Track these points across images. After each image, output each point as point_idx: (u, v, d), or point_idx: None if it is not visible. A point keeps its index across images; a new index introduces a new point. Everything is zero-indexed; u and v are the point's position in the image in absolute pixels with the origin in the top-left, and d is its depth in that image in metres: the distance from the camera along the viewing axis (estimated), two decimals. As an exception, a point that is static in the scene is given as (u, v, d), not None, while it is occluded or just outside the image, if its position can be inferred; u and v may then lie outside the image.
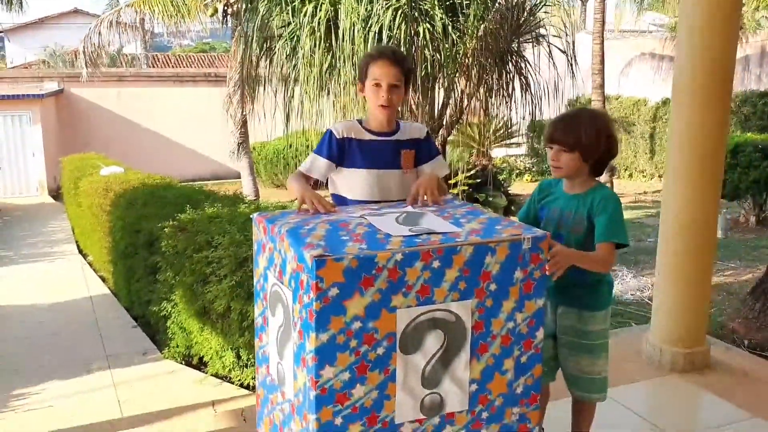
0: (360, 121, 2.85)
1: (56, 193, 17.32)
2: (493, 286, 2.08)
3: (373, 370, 1.98)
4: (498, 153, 15.41)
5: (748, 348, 4.90)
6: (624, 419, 3.42)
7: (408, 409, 2.05)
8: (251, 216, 2.41)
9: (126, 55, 27.03)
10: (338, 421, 1.97)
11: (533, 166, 17.70)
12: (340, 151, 2.75)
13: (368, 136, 2.78)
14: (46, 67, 25.82)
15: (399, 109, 2.98)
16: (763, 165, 9.76)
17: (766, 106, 14.75)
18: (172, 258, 5.10)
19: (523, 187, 14.85)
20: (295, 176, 2.74)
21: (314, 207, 2.37)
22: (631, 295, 6.98)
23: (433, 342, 2.04)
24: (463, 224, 2.21)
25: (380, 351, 1.98)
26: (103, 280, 8.50)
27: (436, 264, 2.00)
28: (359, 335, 1.95)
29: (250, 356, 4.64)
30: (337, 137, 2.75)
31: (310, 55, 5.90)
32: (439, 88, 6.52)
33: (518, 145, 16.67)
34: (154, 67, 26.99)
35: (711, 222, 3.93)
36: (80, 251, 10.62)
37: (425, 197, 2.50)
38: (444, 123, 6.74)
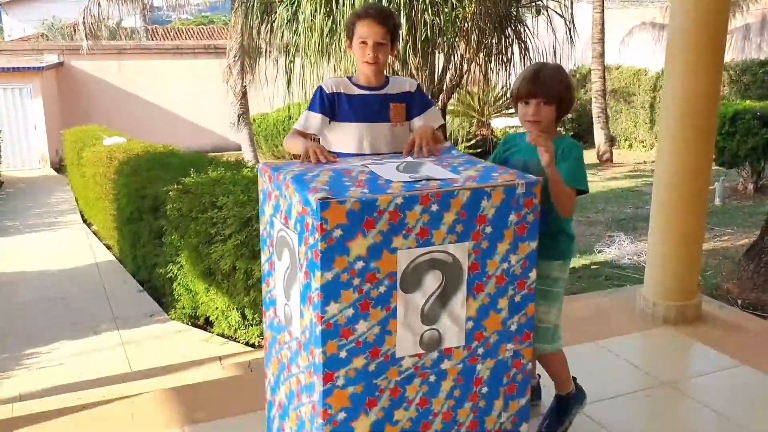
0: (350, 78, 2.93)
1: (58, 166, 17.41)
2: (488, 229, 2.19)
3: (376, 307, 2.10)
4: (498, 123, 15.42)
5: (742, 307, 5.02)
6: (616, 367, 3.55)
7: (408, 344, 2.16)
8: (257, 166, 2.51)
9: (125, 29, 26.88)
10: (343, 354, 2.08)
11: (533, 137, 17.72)
12: (331, 106, 2.84)
13: (357, 91, 2.86)
14: (45, 40, 25.72)
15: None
16: (761, 132, 9.79)
17: (766, 75, 14.74)
18: (177, 221, 5.21)
19: (523, 157, 14.88)
20: (292, 134, 2.83)
21: (317, 158, 2.47)
22: (629, 259, 7.10)
23: (431, 281, 2.15)
24: (461, 171, 2.31)
25: (382, 289, 2.09)
26: (108, 248, 8.64)
27: (434, 207, 2.10)
28: (362, 274, 2.06)
29: (255, 315, 4.78)
30: (327, 92, 2.84)
31: (311, 20, 5.96)
32: (439, 53, 6.57)
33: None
34: (153, 40, 26.88)
35: (703, 179, 4.02)
36: (84, 221, 10.75)
37: (422, 149, 2.57)
38: (444, 87, 6.79)
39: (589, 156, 15.49)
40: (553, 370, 2.82)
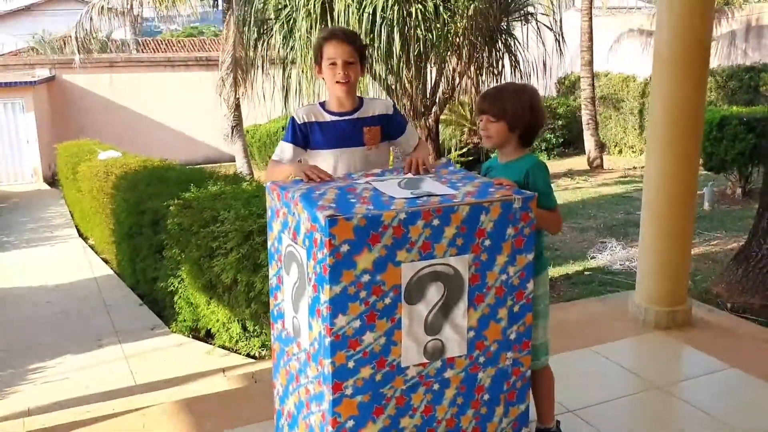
0: (322, 104, 2.96)
1: (51, 180, 17.43)
2: (487, 242, 2.30)
3: (381, 318, 2.21)
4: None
5: (731, 310, 5.14)
6: (609, 371, 3.66)
7: (413, 354, 2.27)
8: (265, 185, 2.62)
9: (115, 41, 26.93)
10: (351, 364, 2.19)
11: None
12: (304, 136, 2.88)
13: (328, 117, 2.89)
14: (36, 54, 25.73)
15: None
16: (748, 137, 9.95)
17: (752, 80, 14.93)
18: (178, 235, 5.29)
19: (514, 165, 15.01)
20: (271, 165, 2.90)
21: (316, 176, 2.54)
22: (620, 264, 7.22)
23: (434, 293, 2.26)
24: (460, 187, 2.43)
25: (387, 301, 2.20)
26: (106, 262, 8.70)
27: (436, 222, 2.21)
28: (368, 287, 2.17)
29: (256, 327, 4.87)
30: (299, 122, 2.88)
31: (307, 36, 6.08)
32: (431, 67, 6.70)
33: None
34: (144, 52, 26.95)
35: (690, 186, 4.15)
36: (80, 235, 10.80)
37: (419, 170, 2.65)
38: (437, 100, 6.93)
39: (580, 162, 15.66)
40: (540, 390, 2.79)
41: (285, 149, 2.90)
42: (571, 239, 8.48)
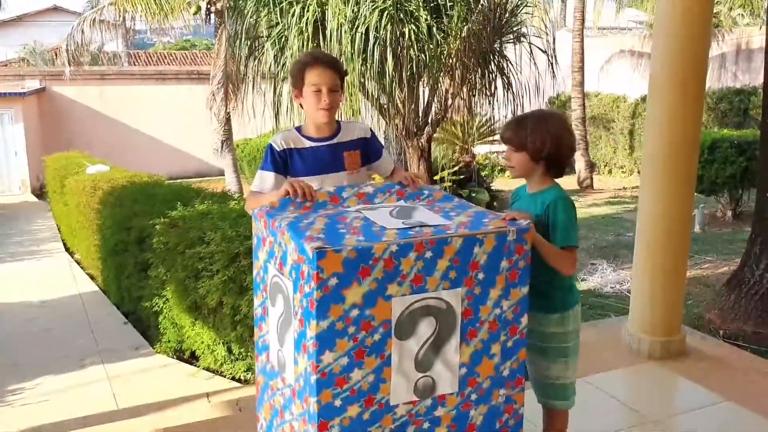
0: (299, 129, 2.89)
1: (40, 192, 17.27)
2: (481, 275, 2.22)
3: (370, 355, 2.12)
4: (481, 150, 15.57)
5: (724, 338, 5.08)
6: (603, 404, 3.59)
7: (402, 392, 2.18)
8: (252, 211, 2.53)
9: (107, 53, 26.86)
10: (338, 403, 2.10)
11: (515, 163, 17.87)
12: (284, 163, 2.80)
13: (307, 144, 2.83)
14: (26, 65, 25.63)
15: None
16: (739, 161, 9.99)
17: (742, 103, 15.02)
18: (163, 254, 5.19)
19: (505, 183, 15.04)
20: (251, 196, 2.79)
21: (302, 190, 2.44)
22: (611, 288, 7.17)
23: (425, 328, 2.18)
24: (453, 217, 2.35)
25: (377, 337, 2.12)
26: (92, 278, 8.56)
27: (428, 254, 2.13)
28: (357, 322, 2.08)
29: (242, 350, 4.76)
30: (278, 150, 2.80)
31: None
32: (424, 87, 6.67)
33: (500, 142, 16.86)
34: (135, 65, 26.88)
35: (686, 215, 4.11)
36: (67, 249, 10.65)
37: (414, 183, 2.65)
38: (429, 121, 6.88)
39: (570, 182, 15.66)
40: (556, 424, 2.72)
41: (266, 178, 2.79)
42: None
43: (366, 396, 2.13)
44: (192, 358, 5.42)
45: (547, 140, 2.54)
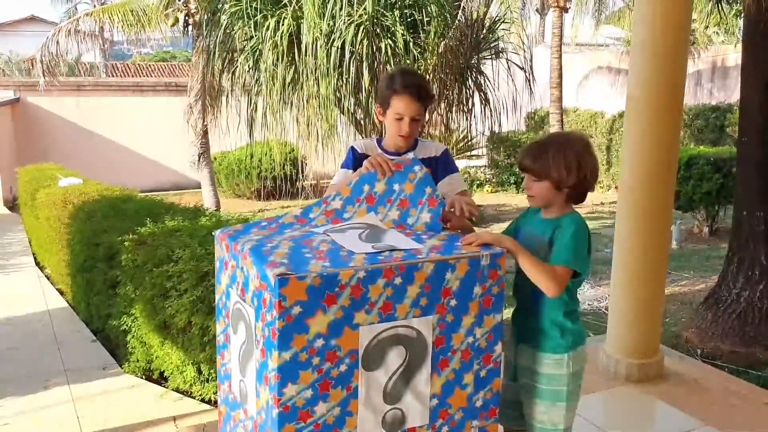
0: (379, 140, 2.90)
1: (12, 204, 16.95)
2: (453, 302, 2.13)
3: (336, 387, 2.01)
4: (459, 164, 15.59)
5: (701, 357, 5.04)
6: (581, 429, 3.49)
7: (370, 425, 2.08)
8: (213, 233, 2.42)
9: (84, 64, 26.60)
10: (301, 437, 1.99)
11: (493, 178, 17.89)
12: (360, 165, 2.76)
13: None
14: (2, 75, 25.31)
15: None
16: (715, 177, 10.04)
17: (718, 120, 15.14)
18: (132, 272, 5.05)
19: (483, 198, 15.03)
20: (331, 186, 2.81)
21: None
22: (588, 305, 7.10)
23: (395, 358, 2.08)
24: (425, 240, 2.26)
25: (343, 368, 2.01)
26: (61, 293, 8.35)
27: (398, 281, 2.04)
28: (322, 353, 1.98)
29: (211, 371, 4.63)
30: (359, 151, 2.86)
31: (273, 69, 5.94)
32: (401, 103, 6.58)
33: (479, 156, 16.87)
34: (113, 76, 26.65)
35: (664, 234, 4.06)
36: (37, 264, 10.41)
37: (463, 211, 2.48)
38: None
39: (549, 197, 15.65)
40: None
41: (348, 175, 2.80)
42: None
43: (331, 430, 2.03)
44: (161, 378, 5.27)
45: (572, 168, 2.36)
